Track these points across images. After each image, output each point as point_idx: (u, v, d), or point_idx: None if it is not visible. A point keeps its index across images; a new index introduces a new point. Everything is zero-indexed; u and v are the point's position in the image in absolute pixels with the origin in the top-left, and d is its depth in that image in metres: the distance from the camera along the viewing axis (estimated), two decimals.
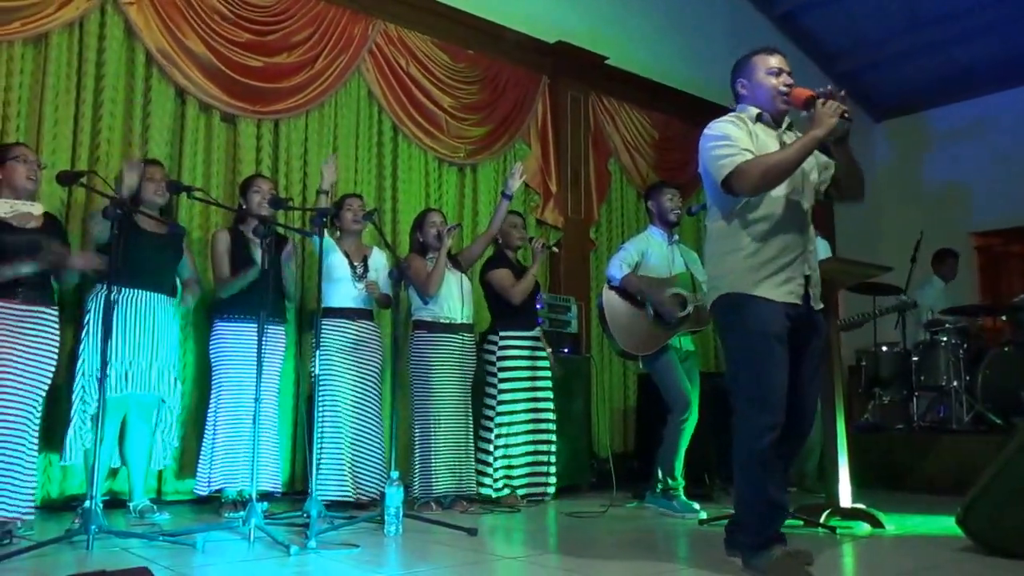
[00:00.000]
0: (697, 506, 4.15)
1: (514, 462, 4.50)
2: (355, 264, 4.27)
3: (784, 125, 2.82)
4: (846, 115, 2.55)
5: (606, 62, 6.39)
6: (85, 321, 3.66)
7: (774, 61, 2.78)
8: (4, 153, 3.41)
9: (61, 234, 3.56)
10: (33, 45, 4.10)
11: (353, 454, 4.11)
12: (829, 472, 3.78)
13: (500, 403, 4.52)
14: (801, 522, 3.55)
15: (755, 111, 2.79)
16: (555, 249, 4.94)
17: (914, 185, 8.90)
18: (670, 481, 4.28)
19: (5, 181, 3.37)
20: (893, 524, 3.65)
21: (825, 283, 3.64)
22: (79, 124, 4.20)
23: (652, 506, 4.31)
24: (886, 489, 5.05)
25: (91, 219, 3.75)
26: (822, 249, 4.91)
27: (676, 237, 4.58)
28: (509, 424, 4.52)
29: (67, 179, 3.24)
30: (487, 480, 4.44)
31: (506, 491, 4.46)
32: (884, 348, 6.09)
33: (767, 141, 2.74)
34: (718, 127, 2.73)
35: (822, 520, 3.54)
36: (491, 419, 4.53)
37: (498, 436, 4.49)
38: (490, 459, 4.47)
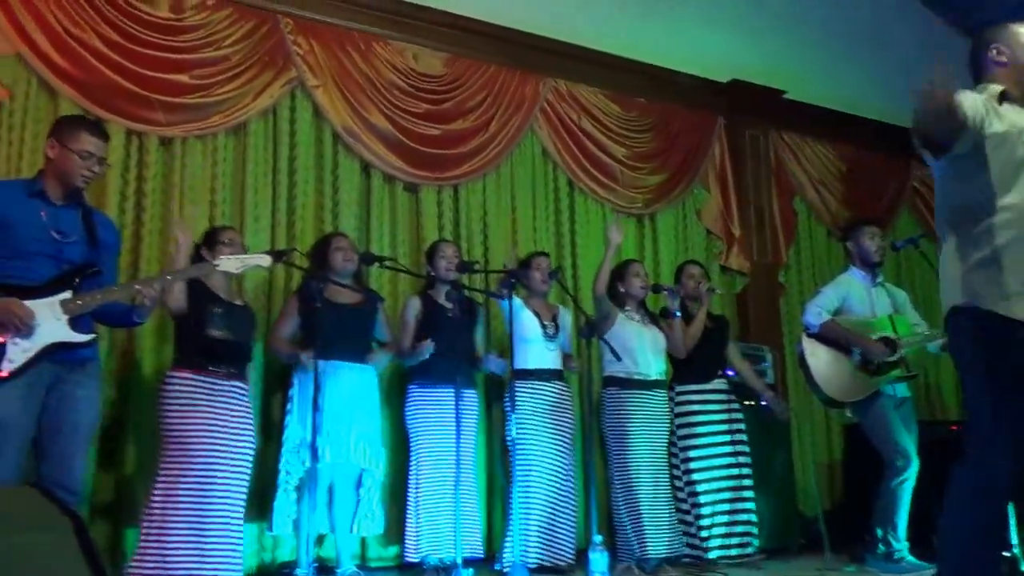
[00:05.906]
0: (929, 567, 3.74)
1: (704, 523, 4.28)
2: (546, 324, 4.20)
3: None
4: None
5: (784, 96, 6.11)
6: (290, 395, 3.83)
7: None
8: (214, 236, 3.64)
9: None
10: (234, 134, 4.40)
11: (551, 518, 4.02)
12: None
13: (683, 461, 4.39)
14: None
15: (998, 88, 2.27)
16: (717, 291, 4.76)
17: None
18: (893, 543, 3.92)
19: None
20: None
21: None
22: (276, 204, 4.44)
23: (874, 571, 3.95)
24: None
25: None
26: None
27: (880, 278, 4.27)
28: (691, 483, 4.35)
29: (275, 258, 3.42)
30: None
31: (698, 552, 4.26)
32: None
33: (1017, 121, 2.21)
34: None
35: None
36: (678, 478, 4.40)
37: (690, 495, 4.34)
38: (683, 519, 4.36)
